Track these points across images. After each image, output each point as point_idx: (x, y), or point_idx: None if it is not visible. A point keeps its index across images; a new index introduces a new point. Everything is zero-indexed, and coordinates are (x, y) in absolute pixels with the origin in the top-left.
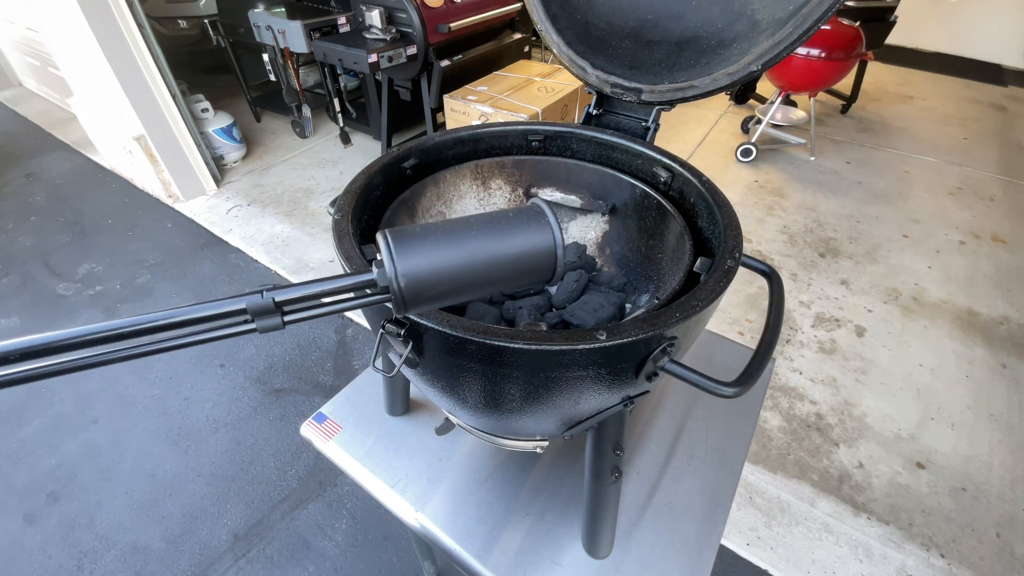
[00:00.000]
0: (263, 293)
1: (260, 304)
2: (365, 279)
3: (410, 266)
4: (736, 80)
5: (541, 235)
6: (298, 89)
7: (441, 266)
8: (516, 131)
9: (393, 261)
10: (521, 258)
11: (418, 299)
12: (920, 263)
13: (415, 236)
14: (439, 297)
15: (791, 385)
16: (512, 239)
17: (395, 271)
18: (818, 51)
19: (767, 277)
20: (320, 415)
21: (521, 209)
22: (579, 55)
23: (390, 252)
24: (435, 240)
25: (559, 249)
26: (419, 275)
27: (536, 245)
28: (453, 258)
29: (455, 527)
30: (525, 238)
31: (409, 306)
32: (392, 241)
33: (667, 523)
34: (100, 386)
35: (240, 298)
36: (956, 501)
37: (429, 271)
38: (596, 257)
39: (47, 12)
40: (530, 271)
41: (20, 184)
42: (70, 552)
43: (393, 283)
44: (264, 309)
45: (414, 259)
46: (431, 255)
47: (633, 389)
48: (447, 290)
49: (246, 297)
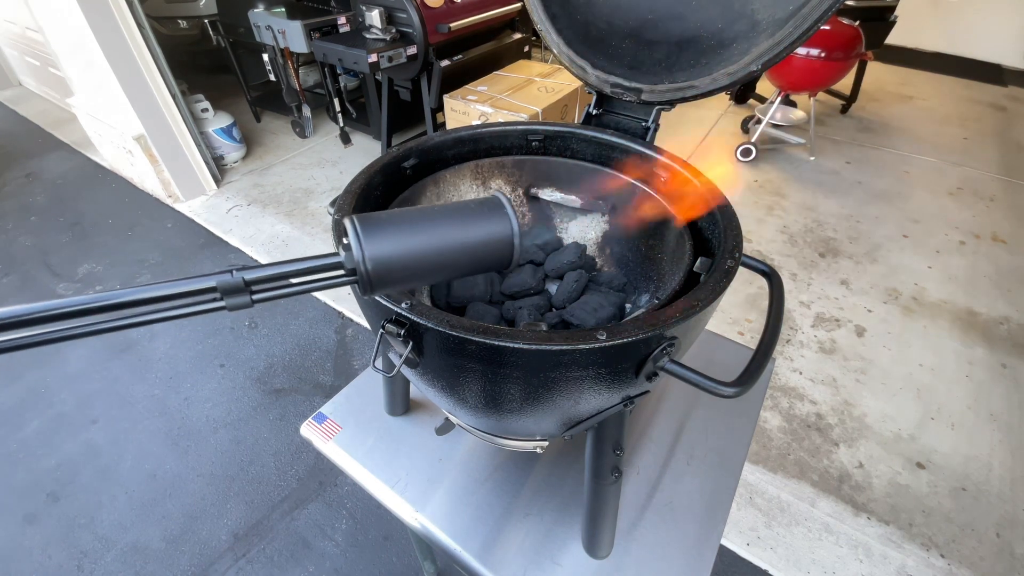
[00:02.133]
0: (233, 272)
1: (230, 283)
2: (333, 261)
3: (376, 249)
4: (736, 80)
5: (500, 225)
6: (298, 89)
7: (405, 250)
8: (516, 131)
9: (361, 245)
10: (481, 245)
11: (383, 281)
12: (920, 263)
13: (382, 222)
14: (403, 279)
15: (791, 385)
16: (473, 227)
17: (362, 254)
18: (818, 51)
19: (767, 277)
20: (320, 415)
21: (482, 200)
22: (579, 55)
23: (357, 236)
24: (400, 226)
25: (516, 238)
26: (385, 258)
27: (495, 234)
28: (417, 243)
29: (455, 527)
30: (486, 227)
31: (375, 287)
32: (360, 226)
33: (667, 523)
34: (100, 386)
35: (210, 276)
36: (956, 501)
37: (394, 255)
38: (596, 257)
39: (47, 12)
40: (489, 257)
41: (20, 184)
42: (70, 552)
43: (360, 265)
44: (233, 287)
45: (380, 243)
46: (396, 240)
47: (633, 389)
48: (411, 273)
49: (216, 276)
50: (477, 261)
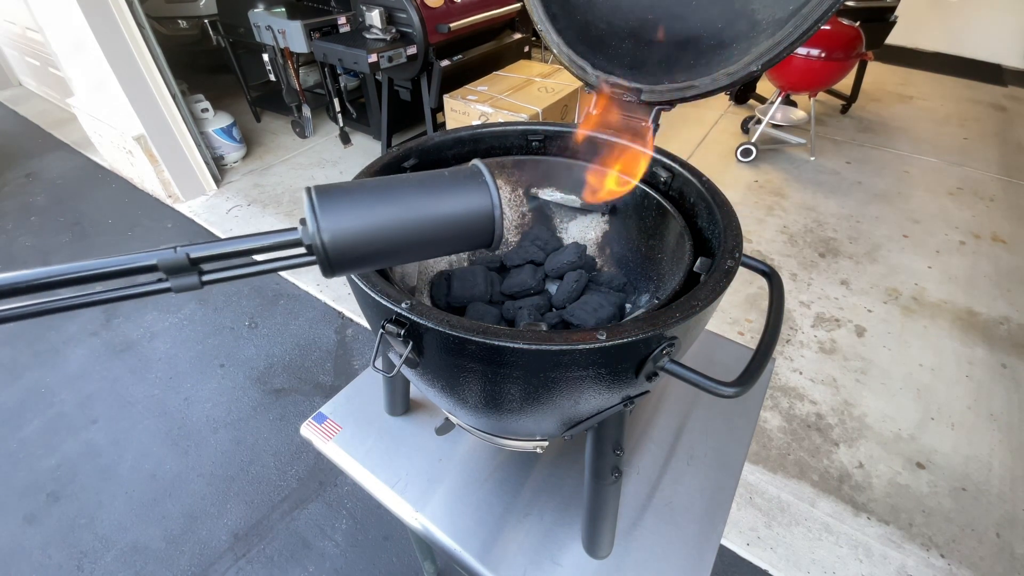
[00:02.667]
0: (176, 248)
1: (173, 260)
2: (289, 238)
3: (335, 223)
4: (736, 80)
5: (478, 195)
6: (298, 89)
7: (369, 225)
8: (516, 131)
9: (316, 218)
10: (457, 219)
11: (344, 260)
12: (920, 263)
13: (342, 192)
14: (368, 258)
15: (791, 385)
16: (447, 199)
17: (318, 229)
18: (818, 51)
19: (767, 277)
20: (320, 415)
21: (458, 169)
22: (579, 55)
23: (313, 209)
24: (363, 197)
25: (496, 210)
26: (344, 234)
27: (473, 206)
28: (382, 216)
29: (455, 527)
30: (461, 198)
31: (335, 267)
32: (316, 197)
33: (667, 523)
34: (100, 386)
35: (151, 253)
36: (956, 501)
37: (356, 230)
38: (596, 257)
39: (47, 12)
40: (466, 234)
41: (20, 184)
42: (70, 552)
43: (317, 242)
44: (178, 266)
45: (339, 216)
46: (358, 213)
47: (633, 389)
48: (376, 250)
49: (158, 252)
50: (453, 237)
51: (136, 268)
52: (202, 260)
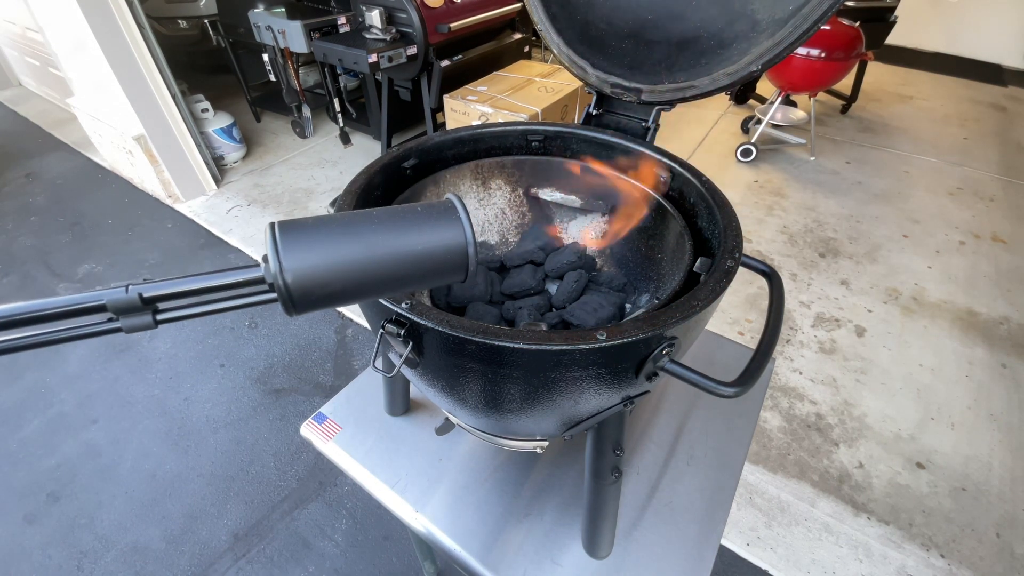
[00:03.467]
0: (128, 288)
1: (123, 300)
2: (249, 276)
3: (298, 262)
4: (736, 80)
5: (451, 231)
6: (298, 89)
7: (335, 262)
8: (516, 131)
9: (279, 256)
10: (429, 256)
11: (308, 299)
12: (920, 263)
13: (307, 228)
14: (334, 297)
15: (791, 385)
16: (419, 235)
17: (280, 267)
18: (818, 51)
19: (767, 277)
20: (320, 415)
21: (431, 204)
22: (579, 55)
23: (275, 246)
24: (329, 233)
25: (470, 247)
26: (308, 272)
27: (445, 242)
28: (350, 254)
29: (455, 527)
30: (433, 234)
31: (299, 306)
32: (279, 234)
33: (667, 523)
34: (100, 386)
35: (100, 292)
36: (956, 501)
37: (320, 268)
38: (596, 257)
39: (47, 12)
40: (438, 270)
41: (20, 184)
42: (70, 552)
43: (279, 280)
44: (129, 306)
45: (303, 254)
46: (324, 250)
47: (633, 389)
48: (343, 289)
49: (108, 292)
50: (424, 274)
51: (83, 309)
52: (156, 300)
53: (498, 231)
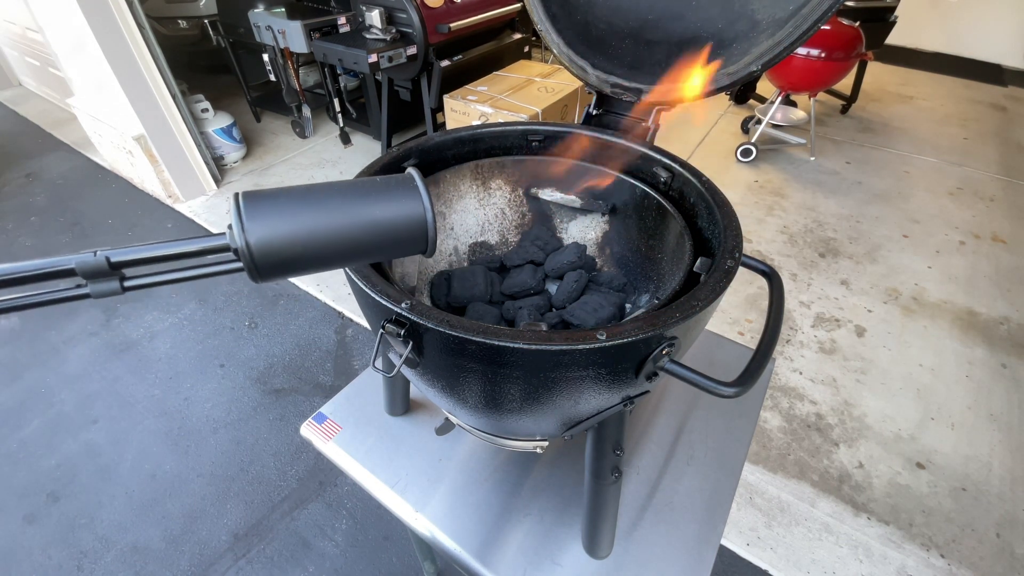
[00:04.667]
0: (96, 252)
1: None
2: (215, 243)
3: (262, 229)
4: (736, 80)
5: (410, 202)
6: (298, 89)
7: (298, 230)
8: (516, 131)
9: (242, 224)
10: (389, 226)
11: (271, 265)
12: (920, 263)
13: (270, 198)
14: (297, 263)
15: (791, 385)
16: (379, 206)
17: (243, 235)
18: (818, 51)
19: (767, 277)
20: (320, 415)
21: (390, 176)
22: (579, 55)
23: (239, 214)
24: (291, 202)
25: (428, 214)
26: (271, 240)
27: (405, 213)
28: (312, 222)
29: (455, 527)
30: (393, 205)
31: (263, 273)
32: (243, 202)
33: (667, 523)
34: (100, 386)
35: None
36: (956, 501)
37: (284, 236)
38: (596, 257)
39: (47, 12)
40: (399, 240)
41: (20, 184)
42: (70, 552)
43: (243, 248)
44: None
45: (267, 222)
46: (287, 218)
47: (633, 389)
48: (306, 257)
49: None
50: (385, 245)
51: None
52: (123, 264)
53: (498, 231)
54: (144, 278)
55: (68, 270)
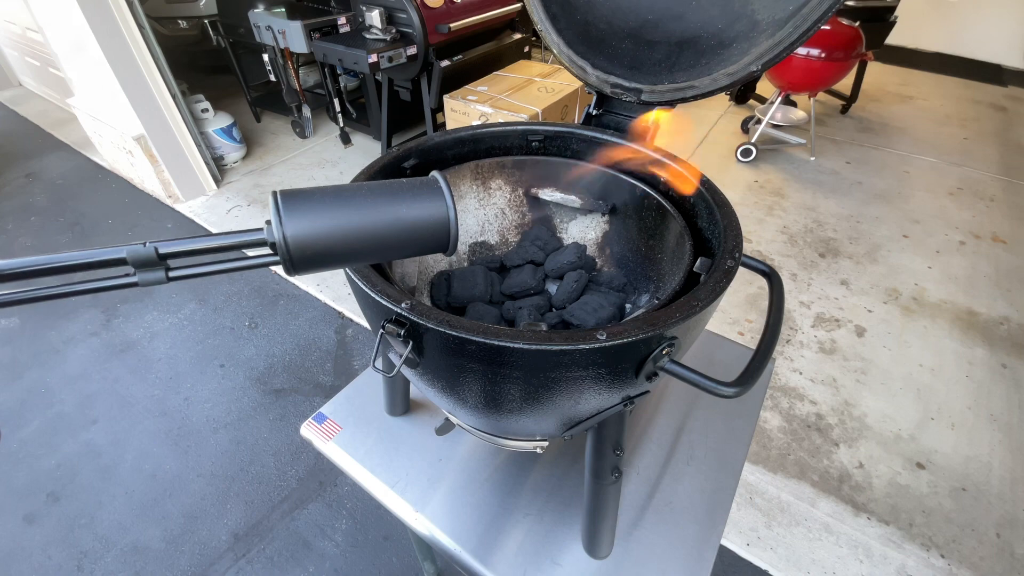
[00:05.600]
0: (146, 243)
1: (142, 254)
2: (254, 238)
3: (298, 226)
4: (736, 80)
5: (435, 204)
6: (298, 89)
7: (330, 227)
8: (516, 131)
9: (280, 220)
10: (415, 225)
11: (306, 259)
12: (920, 263)
13: (306, 196)
14: (329, 258)
15: (791, 385)
16: (406, 206)
17: (282, 230)
18: (818, 51)
19: (767, 277)
20: (320, 415)
21: (417, 179)
22: (579, 55)
23: (278, 211)
24: (325, 201)
25: (451, 213)
26: (307, 235)
27: (430, 214)
28: (343, 220)
29: (455, 527)
30: (419, 206)
31: (297, 266)
32: (282, 200)
33: (667, 523)
34: (100, 386)
35: (121, 248)
36: (956, 501)
37: (318, 231)
38: (596, 257)
39: (47, 12)
40: (424, 239)
41: (20, 184)
42: (70, 552)
43: (280, 241)
44: (146, 260)
45: (303, 219)
46: (321, 215)
47: (633, 389)
48: (337, 251)
49: (128, 247)
50: (411, 242)
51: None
52: (170, 256)
53: (498, 231)
54: (186, 268)
55: (120, 259)
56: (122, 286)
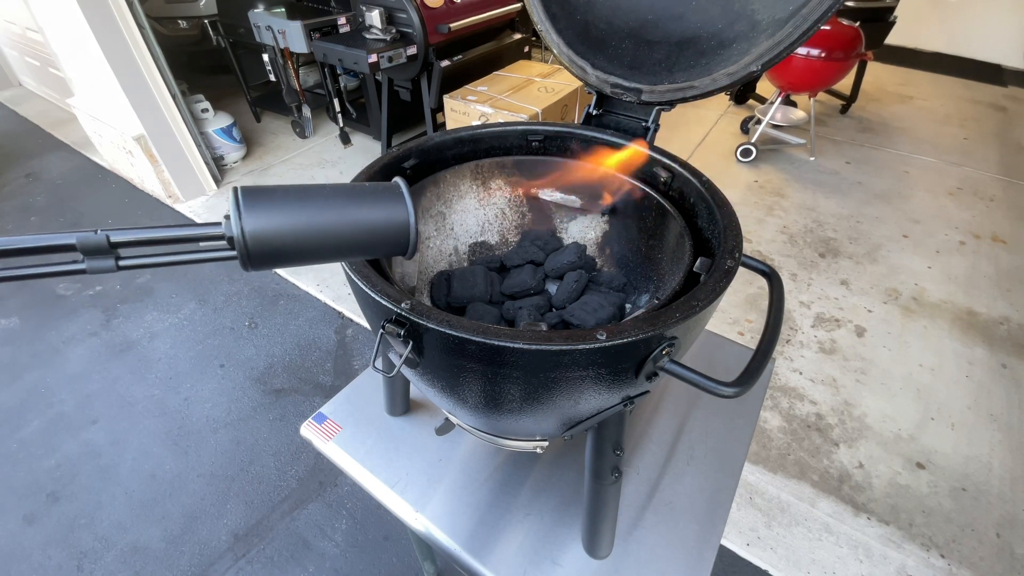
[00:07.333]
0: (97, 231)
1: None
2: (211, 231)
3: (257, 222)
4: (736, 80)
5: (396, 208)
6: (298, 89)
7: (289, 225)
8: (516, 131)
9: (240, 215)
10: (374, 228)
11: (263, 255)
12: (920, 263)
13: (267, 193)
14: (286, 256)
15: (791, 385)
16: (367, 209)
17: (240, 224)
18: (818, 51)
19: (767, 277)
20: (320, 415)
21: (379, 183)
22: (579, 55)
23: (238, 206)
24: (287, 199)
25: (411, 218)
26: (265, 231)
27: (390, 217)
28: (303, 219)
29: (455, 527)
30: (380, 210)
31: (254, 261)
32: (242, 195)
33: (667, 523)
34: (100, 386)
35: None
36: (956, 501)
37: (276, 228)
38: (596, 257)
39: (47, 12)
40: (383, 242)
41: (20, 184)
42: (70, 552)
43: (238, 237)
44: (96, 247)
45: (262, 215)
46: (280, 213)
47: (633, 389)
48: (294, 249)
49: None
50: (370, 244)
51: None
52: (122, 244)
53: (498, 231)
54: (139, 259)
55: (69, 245)
56: (69, 272)
